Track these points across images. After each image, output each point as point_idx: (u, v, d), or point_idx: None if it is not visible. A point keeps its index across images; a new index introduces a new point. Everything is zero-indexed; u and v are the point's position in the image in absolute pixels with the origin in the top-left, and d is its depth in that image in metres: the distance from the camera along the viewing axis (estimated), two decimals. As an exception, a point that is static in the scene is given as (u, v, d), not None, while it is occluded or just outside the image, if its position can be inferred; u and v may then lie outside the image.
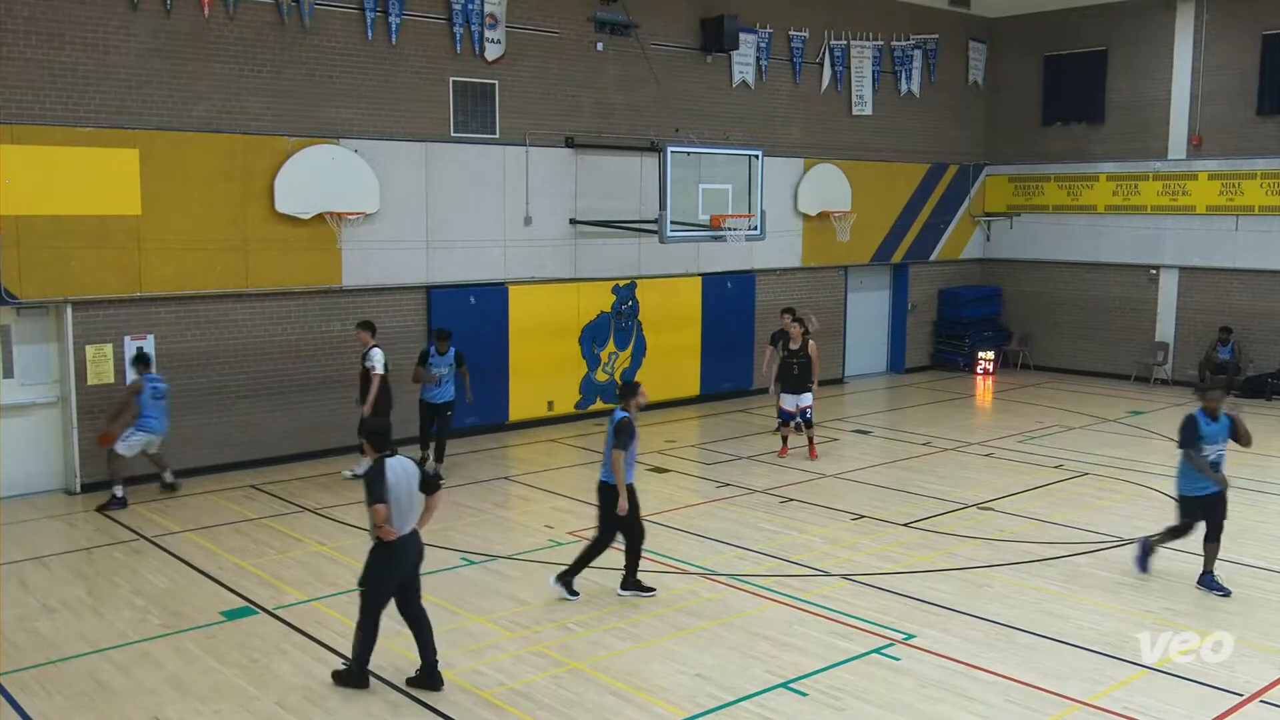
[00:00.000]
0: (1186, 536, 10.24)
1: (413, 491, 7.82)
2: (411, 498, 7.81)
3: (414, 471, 7.89)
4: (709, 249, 18.83)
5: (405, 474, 7.79)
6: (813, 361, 15.16)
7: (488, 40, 16.17)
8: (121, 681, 8.10)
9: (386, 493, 7.60)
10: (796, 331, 15.21)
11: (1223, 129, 20.87)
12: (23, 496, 13.15)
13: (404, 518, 7.76)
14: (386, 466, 7.69)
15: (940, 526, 12.01)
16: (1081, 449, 15.94)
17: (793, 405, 15.22)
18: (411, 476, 7.84)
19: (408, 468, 7.85)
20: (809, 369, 15.12)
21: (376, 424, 8.22)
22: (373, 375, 13.51)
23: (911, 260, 23.07)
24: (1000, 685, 8.03)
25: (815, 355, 15.25)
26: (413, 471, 7.88)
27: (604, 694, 7.87)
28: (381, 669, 8.22)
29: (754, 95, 19.73)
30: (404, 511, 7.75)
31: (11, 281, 12.63)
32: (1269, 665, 8.41)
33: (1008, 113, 23.89)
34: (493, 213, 16.57)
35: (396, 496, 7.67)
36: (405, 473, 7.80)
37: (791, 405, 15.22)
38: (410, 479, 7.82)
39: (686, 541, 11.54)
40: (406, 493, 7.76)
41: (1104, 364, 22.63)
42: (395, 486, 7.67)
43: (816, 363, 15.30)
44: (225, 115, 14.03)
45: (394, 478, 7.68)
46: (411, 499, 7.81)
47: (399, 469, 7.76)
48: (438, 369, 13.86)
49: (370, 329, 13.82)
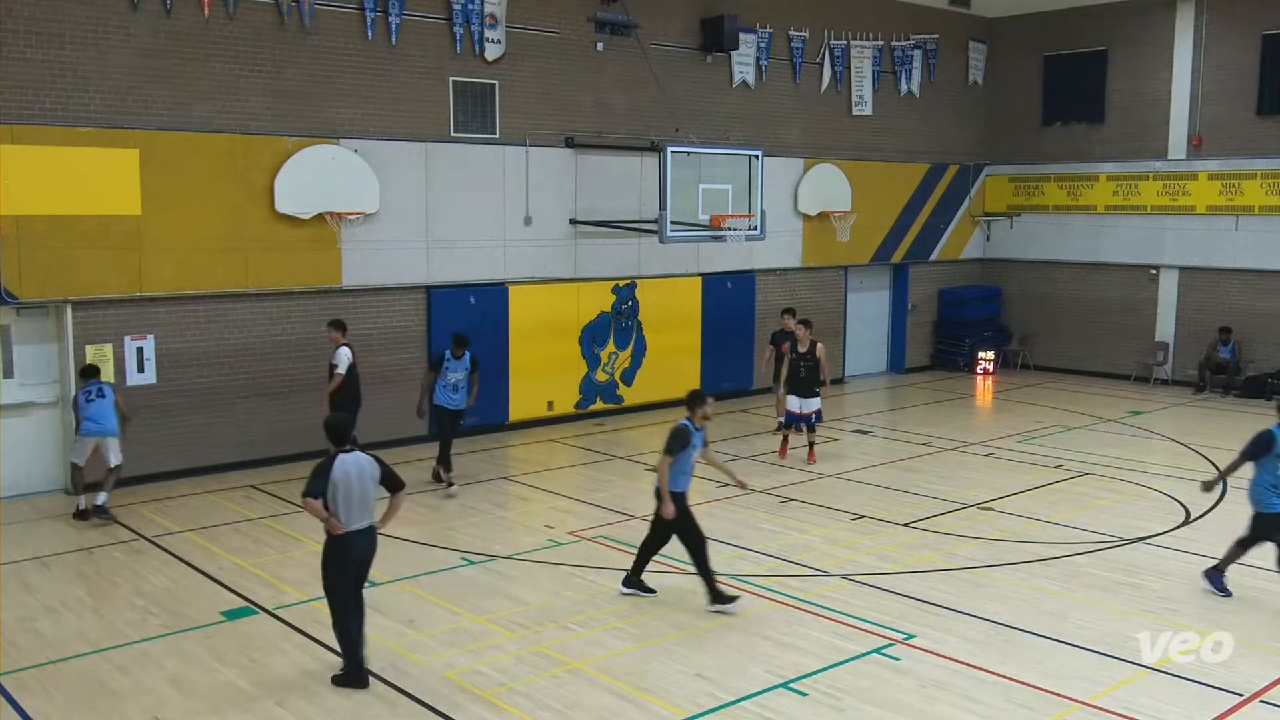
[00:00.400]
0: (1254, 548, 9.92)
1: (365, 489, 7.87)
2: (364, 495, 7.87)
3: (370, 470, 7.93)
4: (709, 249, 18.83)
5: (358, 471, 7.84)
6: (821, 364, 15.01)
7: (488, 40, 16.17)
8: (121, 681, 8.10)
9: (326, 487, 7.70)
10: (803, 334, 15.06)
11: (1223, 129, 20.87)
12: (23, 496, 13.15)
13: (351, 513, 7.82)
14: (336, 462, 7.79)
15: (940, 526, 12.01)
16: (1081, 449, 15.94)
17: (798, 408, 15.06)
18: (365, 474, 7.89)
19: (362, 465, 7.89)
20: (817, 372, 14.98)
21: (336, 418, 8.35)
22: (335, 374, 13.52)
23: (911, 260, 23.06)
24: (1000, 685, 8.03)
25: (824, 358, 15.05)
26: (368, 470, 7.92)
27: (604, 694, 7.87)
28: (382, 670, 8.23)
29: (754, 95, 19.73)
30: (352, 508, 7.82)
31: (11, 281, 12.64)
32: (1269, 665, 8.41)
33: (1008, 113, 23.89)
34: (493, 213, 16.57)
35: (346, 494, 7.76)
36: (358, 469, 7.85)
37: (797, 408, 15.06)
38: (363, 476, 7.87)
39: (686, 541, 11.53)
40: (358, 490, 7.82)
41: (1104, 364, 22.63)
42: (343, 483, 7.75)
43: (825, 366, 15.13)
44: (225, 115, 14.03)
45: (342, 474, 7.75)
46: (363, 497, 7.87)
47: (350, 465, 7.82)
48: (454, 374, 13.48)
49: (341, 328, 13.74)
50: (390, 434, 15.77)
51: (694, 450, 9.49)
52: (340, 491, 7.75)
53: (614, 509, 12.74)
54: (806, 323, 15.38)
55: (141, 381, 13.60)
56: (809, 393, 14.94)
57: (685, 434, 9.42)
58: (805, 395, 14.96)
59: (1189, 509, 12.76)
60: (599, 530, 11.89)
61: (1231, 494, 13.49)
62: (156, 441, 13.54)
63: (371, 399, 15.58)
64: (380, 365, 15.61)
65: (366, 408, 15.56)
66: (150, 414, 13.62)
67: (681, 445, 9.36)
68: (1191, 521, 12.30)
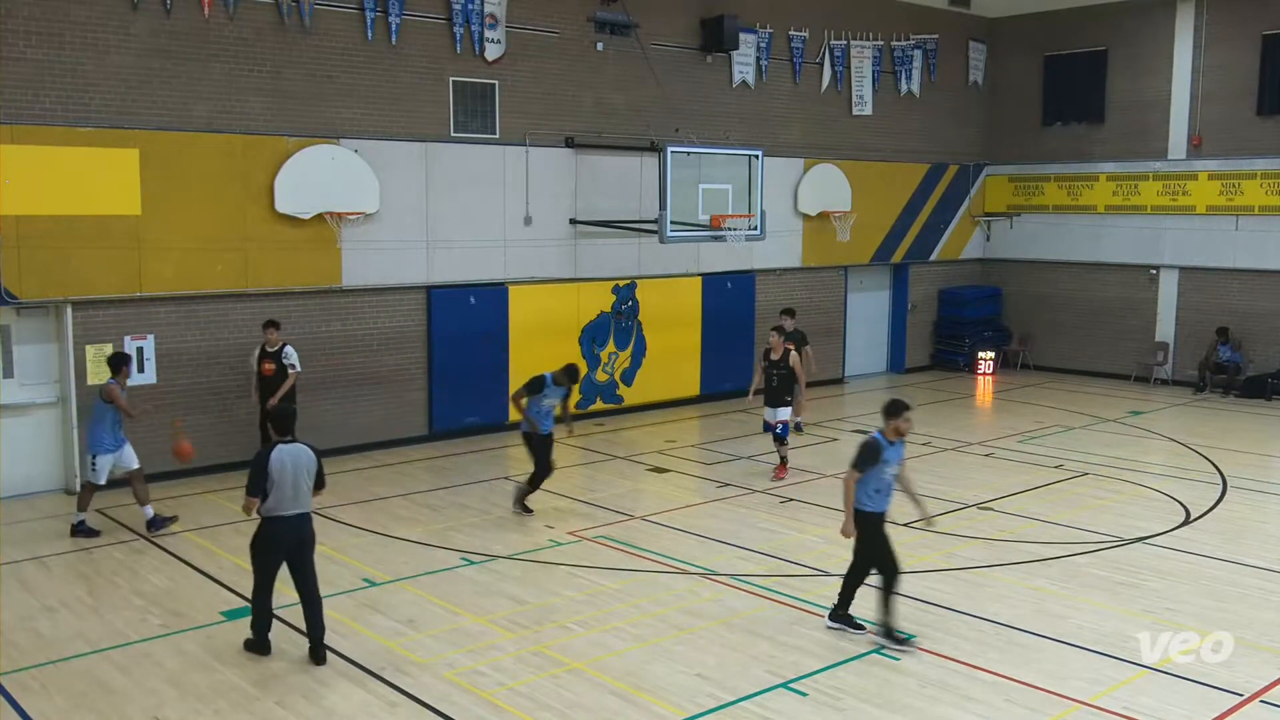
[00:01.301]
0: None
1: (298, 479, 8.26)
2: (297, 484, 8.26)
3: (307, 462, 8.33)
4: (709, 249, 18.83)
5: (294, 461, 8.26)
6: (795, 372, 14.33)
7: (488, 40, 16.16)
8: (121, 681, 8.10)
9: (263, 481, 8.16)
10: (776, 341, 14.43)
11: (1223, 129, 20.87)
12: (23, 496, 13.15)
13: (284, 501, 8.24)
14: (274, 452, 8.25)
15: (940, 526, 12.00)
16: (1081, 449, 15.94)
17: (770, 417, 14.47)
18: (300, 464, 8.28)
19: (298, 456, 8.30)
20: (788, 381, 14.28)
21: (286, 409, 8.77)
22: (290, 372, 13.65)
23: (911, 260, 23.06)
24: (1000, 685, 8.03)
25: (797, 366, 14.38)
26: (305, 461, 8.31)
27: (604, 694, 7.87)
28: (382, 669, 8.24)
29: (754, 95, 19.73)
30: (285, 496, 8.23)
31: (11, 281, 12.63)
32: (1269, 665, 8.41)
33: (1008, 113, 23.89)
34: (493, 213, 16.57)
35: (280, 481, 8.18)
36: (295, 459, 8.27)
37: (770, 417, 14.47)
38: (298, 467, 8.26)
39: (686, 541, 11.54)
40: (291, 479, 8.22)
41: (1104, 364, 22.63)
42: (278, 471, 8.18)
43: (800, 373, 14.51)
44: (225, 115, 14.03)
45: (279, 463, 8.20)
46: (296, 486, 8.26)
47: (288, 454, 8.27)
48: (550, 399, 12.72)
49: (277, 326, 13.80)
50: (390, 434, 15.80)
51: (888, 466, 8.63)
52: (275, 479, 8.19)
53: (614, 509, 12.74)
54: (780, 330, 14.77)
55: (141, 381, 13.59)
56: (779, 402, 14.33)
57: (875, 449, 8.57)
58: (775, 404, 14.35)
59: (1189, 509, 12.76)
60: (599, 530, 11.89)
61: (1232, 494, 13.53)
62: (156, 441, 13.50)
63: (371, 399, 15.63)
64: (380, 365, 15.62)
65: (367, 408, 15.64)
66: (150, 414, 13.61)
67: (871, 461, 8.56)
68: (1191, 521, 12.30)
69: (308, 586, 8.45)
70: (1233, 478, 14.28)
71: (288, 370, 13.70)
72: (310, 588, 8.46)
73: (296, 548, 8.39)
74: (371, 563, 10.79)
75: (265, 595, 8.48)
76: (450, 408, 16.33)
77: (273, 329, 13.76)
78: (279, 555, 8.38)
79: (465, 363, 16.33)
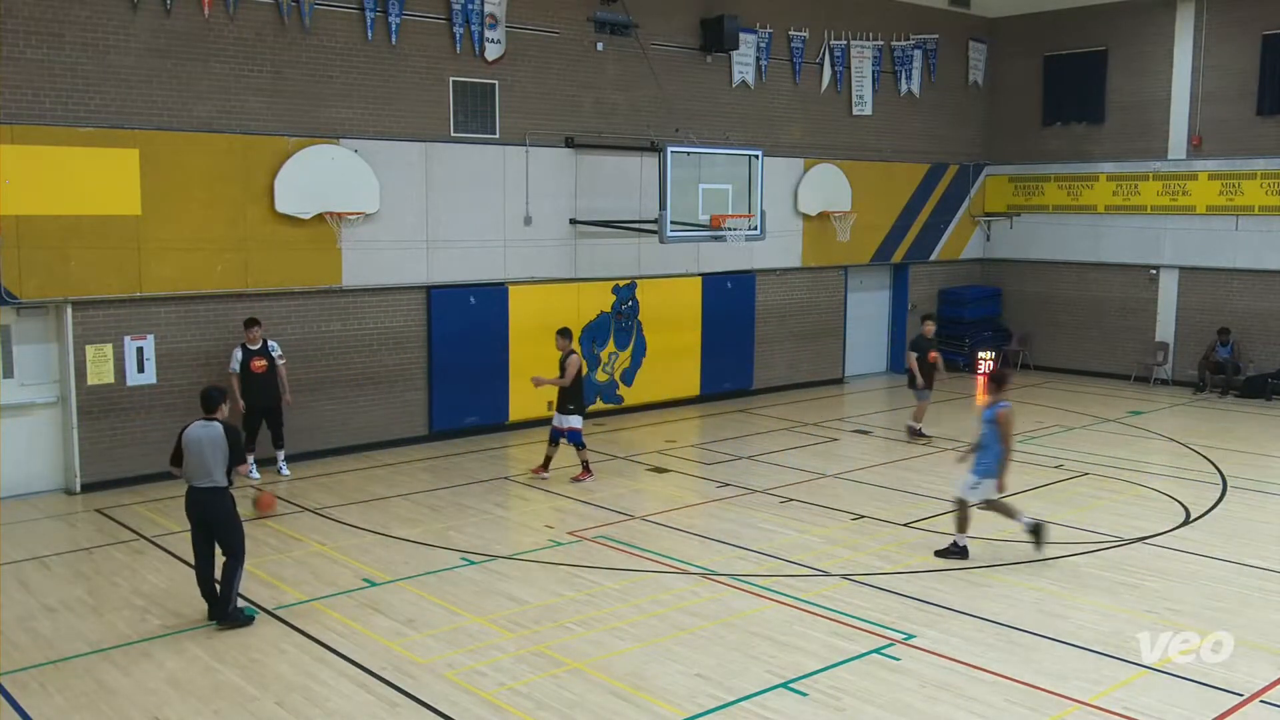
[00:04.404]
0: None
1: (203, 453, 8.94)
2: (201, 458, 8.95)
3: (215, 436, 8.99)
4: (709, 249, 18.82)
5: (206, 437, 8.99)
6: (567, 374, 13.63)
7: (488, 40, 16.16)
8: (121, 681, 8.10)
9: (180, 453, 9.05)
10: (563, 344, 13.80)
11: (1223, 129, 20.87)
12: (23, 496, 13.15)
13: (194, 473, 9.01)
14: (189, 429, 9.07)
15: (940, 526, 12.00)
16: (1081, 449, 15.94)
17: (558, 423, 13.84)
18: (211, 440, 8.96)
19: (213, 433, 9.01)
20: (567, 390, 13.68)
21: (207, 389, 9.35)
22: (280, 364, 13.86)
23: (911, 260, 23.06)
24: (1000, 685, 8.03)
25: (571, 369, 13.64)
26: (214, 437, 8.99)
27: (604, 694, 7.87)
28: (382, 670, 8.24)
29: (754, 95, 19.73)
30: (194, 467, 9.00)
31: (11, 281, 12.63)
32: (1269, 665, 8.41)
33: (1008, 113, 23.89)
34: (493, 213, 16.56)
35: (188, 454, 8.98)
36: (208, 435, 8.99)
37: (557, 423, 13.85)
38: (209, 442, 8.96)
39: (686, 541, 11.53)
40: (196, 452, 8.97)
41: (1104, 364, 22.63)
42: (191, 444, 8.97)
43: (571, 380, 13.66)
44: (225, 115, 14.03)
45: (192, 438, 8.99)
46: (201, 459, 8.95)
47: (201, 431, 9.03)
48: None
49: (259, 324, 13.87)
50: (390, 434, 15.79)
51: None
52: (188, 452, 9.01)
53: (614, 509, 12.73)
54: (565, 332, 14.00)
55: (141, 381, 13.60)
56: (562, 409, 13.78)
57: None
58: (561, 411, 13.83)
59: (1189, 509, 12.76)
60: (599, 530, 11.89)
61: (1232, 493, 13.53)
62: (156, 441, 13.49)
63: (371, 399, 15.62)
64: (380, 365, 15.61)
65: (367, 408, 15.62)
66: (150, 414, 13.63)
67: None
68: (1191, 521, 12.30)
69: (222, 550, 9.13)
70: (1232, 478, 14.28)
71: (277, 362, 13.85)
72: (224, 551, 9.10)
73: (209, 519, 9.06)
74: (371, 563, 10.79)
75: (197, 559, 9.17)
76: (450, 408, 16.33)
77: (256, 326, 13.80)
78: (193, 522, 9.14)
79: (465, 363, 16.33)
